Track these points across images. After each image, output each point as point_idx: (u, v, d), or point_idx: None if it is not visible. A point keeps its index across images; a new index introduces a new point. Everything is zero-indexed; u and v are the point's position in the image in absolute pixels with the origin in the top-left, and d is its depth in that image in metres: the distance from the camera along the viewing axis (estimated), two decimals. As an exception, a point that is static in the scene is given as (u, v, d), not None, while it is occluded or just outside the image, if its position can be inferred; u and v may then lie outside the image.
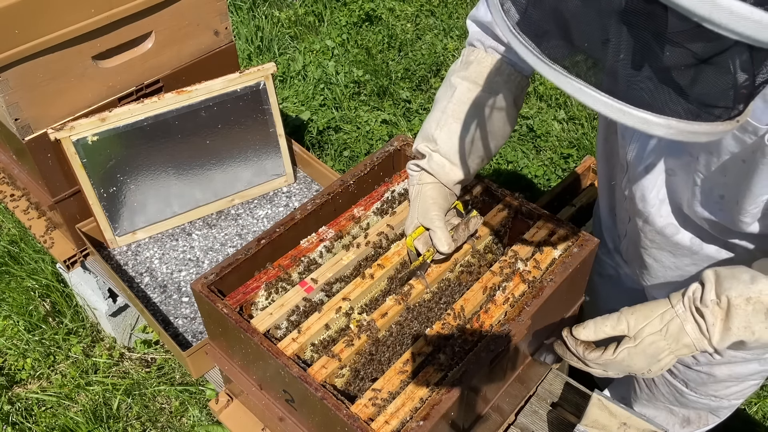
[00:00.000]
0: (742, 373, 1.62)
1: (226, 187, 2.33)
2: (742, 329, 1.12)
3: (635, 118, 0.78)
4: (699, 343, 1.16)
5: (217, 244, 2.27)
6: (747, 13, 0.64)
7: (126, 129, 2.04)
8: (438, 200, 1.48)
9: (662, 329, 1.17)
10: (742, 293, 1.11)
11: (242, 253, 1.56)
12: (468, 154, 1.47)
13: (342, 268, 1.55)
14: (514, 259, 1.53)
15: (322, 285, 1.53)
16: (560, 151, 3.58)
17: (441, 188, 1.49)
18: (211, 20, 2.18)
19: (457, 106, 1.46)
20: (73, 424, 2.56)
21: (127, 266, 2.21)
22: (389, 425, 1.25)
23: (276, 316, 1.46)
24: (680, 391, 1.74)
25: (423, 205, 1.48)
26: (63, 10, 1.82)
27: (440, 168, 1.47)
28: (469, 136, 1.46)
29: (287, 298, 1.50)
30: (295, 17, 4.60)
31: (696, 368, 1.65)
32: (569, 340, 1.25)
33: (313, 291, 1.52)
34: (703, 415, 1.79)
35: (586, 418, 1.60)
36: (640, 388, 1.88)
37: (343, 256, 1.57)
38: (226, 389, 1.80)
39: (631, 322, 1.19)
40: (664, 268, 1.59)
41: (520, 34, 0.82)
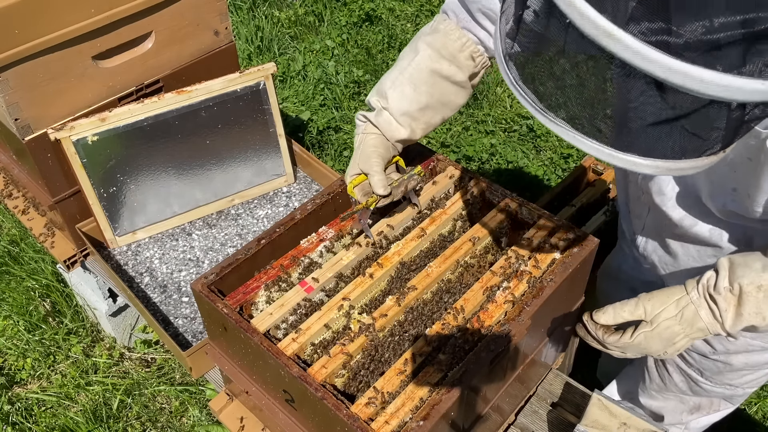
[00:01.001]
0: (758, 362, 1.63)
1: (226, 187, 2.33)
2: (753, 315, 1.17)
3: (624, 161, 0.86)
4: (712, 327, 1.21)
5: (217, 244, 2.27)
6: (716, 79, 0.71)
7: (126, 129, 2.04)
8: (379, 149, 1.53)
9: (677, 314, 1.22)
10: (754, 281, 1.16)
11: (242, 253, 1.56)
12: (414, 119, 1.53)
13: (342, 267, 1.55)
14: (514, 259, 1.53)
15: (323, 285, 1.53)
16: (560, 151, 3.58)
17: (384, 140, 1.54)
18: (211, 20, 2.18)
19: (416, 71, 1.50)
20: (73, 424, 2.56)
21: (127, 266, 2.21)
22: (389, 425, 1.25)
23: (276, 315, 1.45)
24: (695, 380, 1.75)
25: (364, 153, 1.53)
26: (63, 10, 1.82)
27: (386, 124, 1.53)
28: (419, 103, 1.52)
29: (287, 298, 1.50)
30: (295, 17, 4.60)
31: (712, 357, 1.66)
32: (589, 324, 1.30)
33: (314, 291, 1.51)
34: (716, 402, 1.80)
35: (586, 418, 1.60)
36: (651, 378, 1.88)
37: (343, 256, 1.57)
38: (226, 389, 1.80)
39: (648, 308, 1.24)
40: (687, 259, 1.61)
41: (521, 87, 0.90)
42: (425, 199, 1.71)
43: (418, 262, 1.63)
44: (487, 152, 3.61)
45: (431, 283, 1.54)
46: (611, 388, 2.17)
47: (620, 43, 0.73)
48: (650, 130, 0.83)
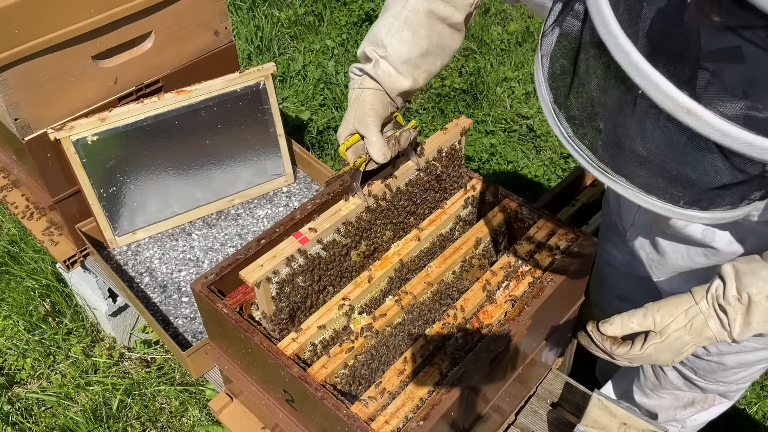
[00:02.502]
0: (750, 360, 1.64)
1: (226, 187, 2.33)
2: (762, 323, 1.18)
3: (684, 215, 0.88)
4: (720, 335, 1.21)
5: (217, 244, 2.27)
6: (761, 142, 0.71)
7: (126, 129, 2.04)
8: (377, 107, 1.41)
9: (687, 324, 1.21)
10: (762, 290, 1.16)
11: (242, 253, 1.56)
12: (416, 66, 1.43)
13: (341, 218, 1.46)
14: (514, 259, 1.53)
15: (320, 236, 1.43)
16: (560, 151, 3.58)
17: (382, 96, 1.43)
18: (211, 20, 2.18)
19: (412, 14, 1.40)
20: (73, 424, 2.56)
21: (127, 266, 2.21)
22: (389, 425, 1.25)
23: (267, 267, 1.35)
24: (689, 378, 1.76)
25: (360, 111, 1.41)
26: (63, 10, 1.82)
27: (386, 75, 1.41)
28: (420, 48, 1.41)
29: (280, 249, 1.39)
30: (295, 17, 4.60)
31: (706, 358, 1.66)
32: (595, 334, 1.28)
33: (309, 242, 1.41)
34: (710, 397, 1.81)
35: (586, 418, 1.60)
36: (645, 377, 1.89)
37: (342, 207, 1.47)
38: (226, 389, 1.80)
39: (657, 319, 1.23)
40: (676, 257, 1.60)
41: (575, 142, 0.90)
42: (431, 149, 1.58)
43: (418, 262, 1.63)
44: (487, 152, 3.61)
45: (431, 283, 1.54)
46: (608, 388, 2.17)
47: (700, 120, 0.73)
48: (716, 189, 0.84)
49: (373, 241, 1.55)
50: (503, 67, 4.08)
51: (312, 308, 1.50)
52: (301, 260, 1.41)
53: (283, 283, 1.40)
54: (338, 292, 1.52)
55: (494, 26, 4.39)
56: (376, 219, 1.53)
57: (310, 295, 1.49)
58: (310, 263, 1.43)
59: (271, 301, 1.41)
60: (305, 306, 1.49)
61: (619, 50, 0.75)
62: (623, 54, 0.75)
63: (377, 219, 1.53)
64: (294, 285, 1.43)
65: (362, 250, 1.54)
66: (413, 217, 1.64)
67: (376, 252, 1.58)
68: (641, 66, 0.74)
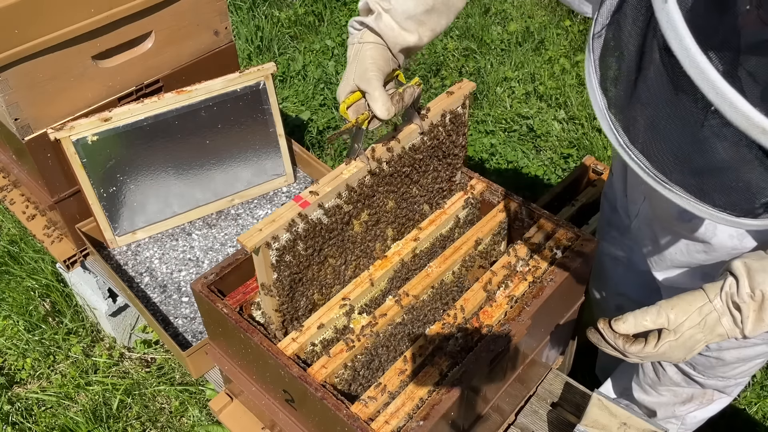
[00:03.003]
0: (749, 355, 1.64)
1: (226, 187, 2.33)
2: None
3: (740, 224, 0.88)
4: (732, 332, 1.21)
5: (217, 244, 2.27)
6: None
7: (126, 129, 2.04)
8: (378, 61, 1.33)
9: (701, 322, 1.21)
10: None
11: (242, 253, 1.56)
12: (421, 23, 1.36)
13: (342, 182, 1.40)
14: (514, 259, 1.53)
15: (321, 200, 1.37)
16: (560, 151, 3.58)
17: (383, 50, 1.35)
18: (211, 20, 2.18)
19: None
20: (73, 424, 2.56)
21: (126, 266, 2.21)
22: (389, 425, 1.25)
23: (266, 232, 1.30)
24: (688, 373, 1.76)
25: (361, 66, 1.32)
26: (63, 10, 1.82)
27: (389, 29, 1.33)
28: (426, 5, 1.35)
29: (280, 214, 1.33)
30: (295, 17, 4.60)
31: (705, 354, 1.67)
32: (607, 332, 1.26)
33: (310, 206, 1.36)
34: (709, 393, 1.81)
35: (586, 418, 1.60)
36: (644, 373, 1.89)
37: (344, 170, 1.41)
38: (226, 389, 1.80)
39: (671, 316, 1.22)
40: (675, 252, 1.60)
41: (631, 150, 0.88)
42: (434, 113, 1.51)
43: (418, 262, 1.63)
44: (487, 152, 3.61)
45: (431, 283, 1.54)
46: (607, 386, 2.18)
47: None
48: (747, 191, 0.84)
49: (375, 210, 1.50)
50: (503, 67, 4.08)
51: (313, 281, 1.46)
52: (302, 225, 1.34)
53: (283, 250, 1.33)
54: (340, 265, 1.48)
55: (494, 26, 4.39)
56: (378, 185, 1.47)
57: (312, 266, 1.43)
58: (311, 229, 1.36)
59: (270, 269, 1.34)
60: (306, 278, 1.43)
61: (695, 66, 0.73)
62: (699, 71, 0.73)
63: (379, 185, 1.47)
64: (295, 253, 1.36)
65: (364, 219, 1.49)
66: (416, 188, 1.59)
67: (378, 223, 1.53)
68: (718, 85, 0.72)
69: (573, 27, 4.31)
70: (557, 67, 4.03)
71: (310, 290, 1.47)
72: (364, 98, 1.33)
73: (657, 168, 0.87)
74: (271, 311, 1.42)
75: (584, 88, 3.85)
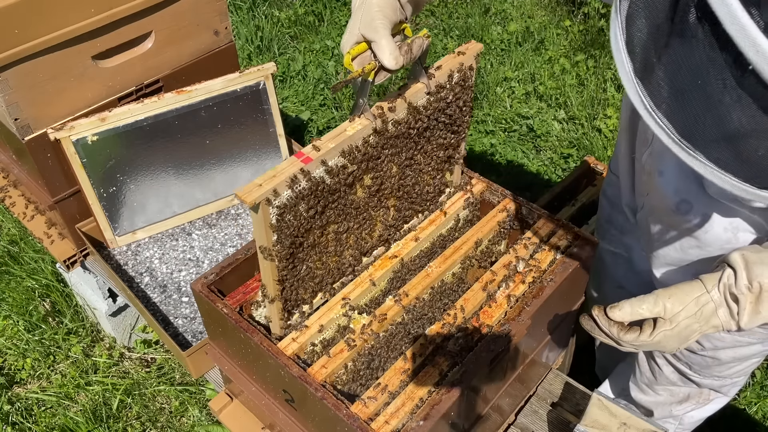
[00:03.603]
0: (745, 355, 1.64)
1: (226, 187, 2.33)
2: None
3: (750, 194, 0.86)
4: (727, 324, 1.21)
5: (217, 244, 2.27)
6: None
7: (126, 129, 2.04)
8: (385, 9, 1.25)
9: (697, 312, 1.20)
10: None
11: (242, 253, 1.56)
12: None
13: (346, 139, 1.34)
14: (514, 259, 1.53)
15: (323, 156, 1.31)
16: (560, 151, 3.58)
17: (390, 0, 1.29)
18: (211, 20, 2.18)
19: None
20: (73, 424, 2.56)
21: (127, 266, 2.21)
22: (389, 425, 1.25)
23: (267, 187, 1.23)
24: (684, 373, 1.76)
25: (367, 14, 1.24)
26: (63, 10, 1.82)
27: None
28: None
29: (281, 169, 1.27)
30: (295, 17, 4.60)
31: (701, 353, 1.67)
32: (601, 319, 1.26)
33: (312, 163, 1.30)
34: (705, 392, 1.81)
35: (586, 418, 1.60)
36: (641, 372, 1.89)
37: (347, 127, 1.35)
38: (226, 389, 1.80)
39: (668, 306, 1.21)
40: (668, 247, 1.60)
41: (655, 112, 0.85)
42: (443, 72, 1.45)
43: (418, 262, 1.63)
44: (487, 152, 3.61)
45: (431, 283, 1.54)
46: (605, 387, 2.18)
47: None
48: None
49: (379, 175, 1.46)
50: (503, 67, 4.08)
51: (314, 248, 1.41)
52: (304, 183, 1.28)
53: (284, 209, 1.27)
54: (342, 233, 1.44)
55: (494, 26, 4.39)
56: (383, 146, 1.42)
57: (313, 231, 1.38)
58: (314, 188, 1.31)
59: (270, 229, 1.28)
60: (307, 244, 1.38)
61: (735, 23, 0.70)
62: (739, 27, 0.70)
63: (384, 147, 1.42)
64: (296, 213, 1.30)
65: (368, 184, 1.45)
66: (421, 155, 1.54)
67: (382, 190, 1.49)
68: (759, 42, 0.69)
69: (573, 27, 4.31)
70: (557, 67, 4.03)
71: (310, 257, 1.41)
72: (370, 49, 1.26)
73: (682, 134, 0.85)
74: (271, 282, 1.35)
75: (584, 88, 3.86)
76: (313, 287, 1.48)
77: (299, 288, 1.44)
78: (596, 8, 4.29)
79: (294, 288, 1.43)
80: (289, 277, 1.39)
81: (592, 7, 4.30)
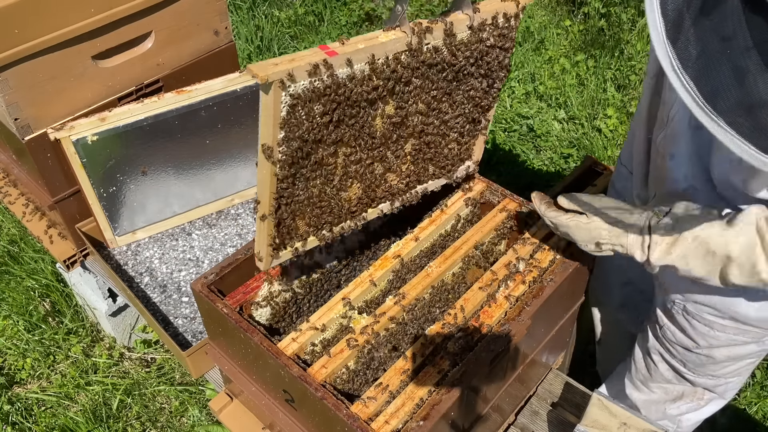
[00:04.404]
0: (740, 354, 1.64)
1: (226, 187, 2.33)
2: (679, 258, 1.30)
3: None
4: (632, 249, 1.35)
5: (217, 244, 2.27)
6: None
7: (126, 129, 2.04)
8: None
9: (613, 224, 1.36)
10: (694, 231, 1.28)
11: (242, 253, 1.56)
12: None
13: (377, 46, 1.25)
14: (514, 259, 1.53)
15: (350, 54, 1.22)
16: (560, 151, 3.58)
17: None
18: (210, 20, 2.18)
19: None
20: (72, 424, 2.56)
21: (126, 266, 2.21)
22: (389, 425, 1.25)
23: (283, 67, 1.14)
24: (678, 370, 1.77)
25: None
26: (63, 10, 1.82)
27: None
28: None
29: (301, 55, 1.18)
30: (295, 17, 4.60)
31: (695, 351, 1.67)
32: (537, 195, 1.48)
33: (338, 56, 1.21)
34: (699, 392, 1.82)
35: (586, 418, 1.60)
36: (637, 368, 1.90)
37: (380, 35, 1.28)
38: (226, 389, 1.80)
39: (597, 206, 1.38)
40: None
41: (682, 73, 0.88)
42: (489, 9, 1.39)
43: (418, 262, 1.63)
44: (487, 152, 3.62)
45: (431, 283, 1.54)
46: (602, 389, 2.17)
47: None
48: None
49: (403, 106, 1.38)
50: (503, 67, 4.07)
51: (320, 169, 1.33)
52: (325, 77, 1.20)
53: (297, 101, 1.18)
54: (350, 162, 1.37)
55: (494, 26, 4.39)
56: (414, 71, 1.34)
57: (323, 145, 1.29)
58: (334, 88, 1.22)
59: (278, 123, 1.19)
60: (314, 159, 1.29)
61: None
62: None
63: (415, 73, 1.35)
64: (309, 112, 1.22)
65: (389, 113, 1.37)
66: (448, 103, 1.47)
67: (403, 125, 1.42)
68: None
69: (573, 27, 4.31)
70: (557, 67, 4.03)
71: (313, 180, 1.33)
72: None
73: (706, 96, 0.87)
74: (267, 195, 1.27)
75: (584, 88, 3.86)
76: (310, 222, 1.38)
77: (295, 214, 1.34)
78: (596, 8, 4.29)
79: (290, 211, 1.32)
80: (286, 196, 1.30)
81: (592, 7, 4.30)
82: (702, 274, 1.30)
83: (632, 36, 4.06)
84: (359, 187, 1.45)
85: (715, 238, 1.26)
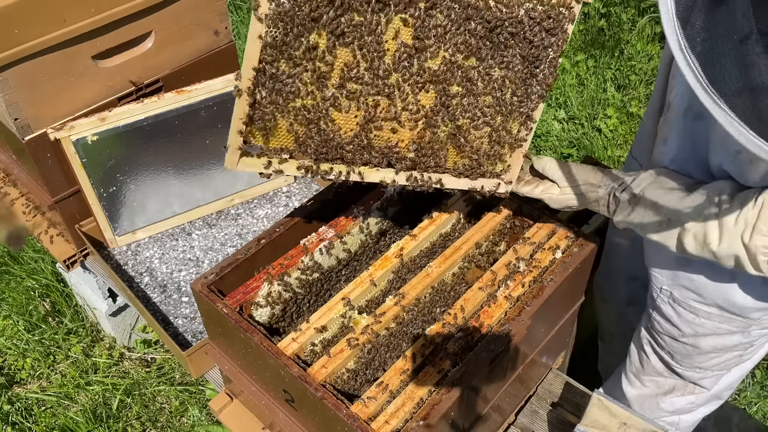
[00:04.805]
0: (725, 345, 1.65)
1: (226, 186, 2.33)
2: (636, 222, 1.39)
3: None
4: (595, 207, 1.47)
5: (217, 244, 2.27)
6: None
7: (126, 129, 2.04)
8: None
9: (580, 192, 1.47)
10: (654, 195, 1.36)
11: (242, 253, 1.56)
12: None
13: None
14: (514, 259, 1.53)
15: None
16: (560, 151, 3.58)
17: None
18: (210, 20, 2.18)
19: None
20: (72, 423, 2.56)
21: (126, 266, 2.21)
22: (389, 425, 1.25)
23: None
24: (667, 363, 1.78)
25: None
26: (63, 10, 1.82)
27: None
28: None
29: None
30: (295, 17, 4.60)
31: (681, 340, 1.68)
32: None
33: None
34: (690, 386, 1.82)
35: (586, 418, 1.60)
36: (631, 361, 1.91)
37: None
38: (226, 389, 1.80)
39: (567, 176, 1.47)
40: None
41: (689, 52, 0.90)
42: None
43: (418, 262, 1.63)
44: (487, 152, 3.62)
45: (431, 283, 1.54)
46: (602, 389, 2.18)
47: None
48: None
49: (419, 36, 1.23)
50: (503, 67, 4.07)
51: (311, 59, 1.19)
52: None
53: None
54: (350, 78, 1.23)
55: (494, 26, 4.39)
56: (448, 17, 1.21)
57: (320, 24, 1.15)
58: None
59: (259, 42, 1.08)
60: (307, 43, 1.16)
61: None
62: None
63: (449, 20, 1.22)
64: None
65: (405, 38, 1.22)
66: (476, 71, 1.31)
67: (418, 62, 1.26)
68: None
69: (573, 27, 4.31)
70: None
71: (302, 65, 1.19)
72: None
73: (710, 78, 0.88)
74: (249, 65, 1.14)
75: (584, 88, 3.86)
76: (292, 128, 1.23)
77: (276, 106, 1.19)
78: (596, 8, 4.28)
79: (270, 96, 1.17)
80: (269, 75, 1.16)
81: (592, 7, 4.30)
82: (659, 240, 1.37)
83: (632, 36, 4.06)
84: (356, 118, 1.28)
85: (673, 204, 1.33)
